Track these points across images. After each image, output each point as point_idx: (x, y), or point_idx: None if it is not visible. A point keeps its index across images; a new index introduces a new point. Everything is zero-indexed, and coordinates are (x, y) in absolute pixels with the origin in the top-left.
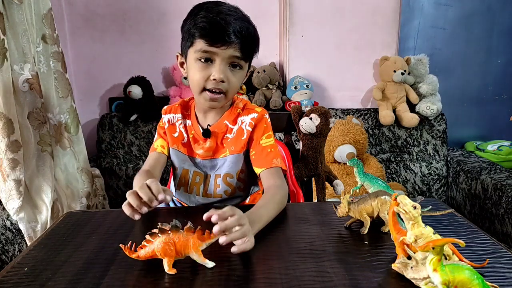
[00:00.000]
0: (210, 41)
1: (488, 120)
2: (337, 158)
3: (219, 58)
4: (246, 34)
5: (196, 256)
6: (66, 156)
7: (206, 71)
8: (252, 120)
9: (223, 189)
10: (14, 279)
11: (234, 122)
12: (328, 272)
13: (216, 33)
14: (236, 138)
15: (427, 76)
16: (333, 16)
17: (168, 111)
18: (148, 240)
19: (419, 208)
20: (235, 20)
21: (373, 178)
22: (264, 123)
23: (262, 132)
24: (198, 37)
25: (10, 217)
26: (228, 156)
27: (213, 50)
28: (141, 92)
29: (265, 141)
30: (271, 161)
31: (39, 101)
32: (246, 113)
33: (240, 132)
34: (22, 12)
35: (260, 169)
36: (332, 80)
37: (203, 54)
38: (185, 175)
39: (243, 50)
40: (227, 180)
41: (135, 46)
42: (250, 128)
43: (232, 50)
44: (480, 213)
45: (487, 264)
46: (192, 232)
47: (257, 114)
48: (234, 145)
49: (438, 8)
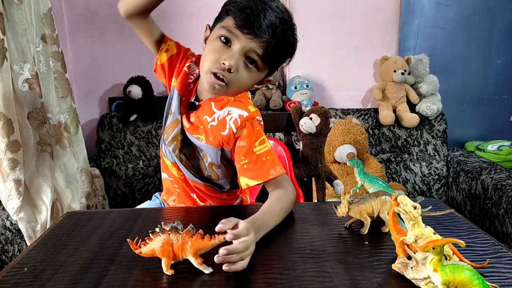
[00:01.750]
0: (240, 23)
1: (488, 120)
2: (337, 158)
3: (239, 45)
4: (280, 37)
5: (193, 260)
6: (66, 156)
7: (220, 53)
8: (239, 118)
9: (208, 173)
10: (14, 279)
11: (220, 107)
12: (328, 272)
13: (249, 19)
14: (216, 128)
15: (427, 76)
16: (333, 16)
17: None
18: (150, 238)
19: (419, 208)
20: (276, 18)
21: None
22: (257, 127)
23: (255, 138)
24: (231, 14)
25: (10, 217)
26: (203, 142)
27: (237, 34)
28: (141, 92)
29: (259, 148)
30: (268, 173)
31: (39, 101)
32: (237, 105)
33: (222, 124)
34: (22, 12)
35: (255, 181)
36: (332, 80)
37: (226, 33)
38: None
39: (268, 50)
40: (212, 168)
41: (135, 46)
42: (234, 126)
43: (257, 44)
44: (480, 213)
45: (487, 264)
46: (192, 235)
47: (247, 114)
48: (212, 135)
49: (438, 8)
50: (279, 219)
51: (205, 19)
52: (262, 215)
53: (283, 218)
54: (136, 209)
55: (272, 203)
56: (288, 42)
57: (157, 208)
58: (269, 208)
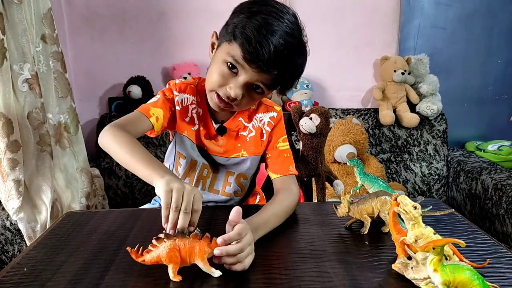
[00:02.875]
0: (247, 57)
1: (488, 120)
2: (337, 158)
3: (245, 76)
4: (287, 70)
5: (201, 264)
6: (66, 156)
7: (226, 79)
8: (271, 119)
9: (233, 189)
10: (14, 279)
11: (249, 119)
12: (328, 272)
13: (257, 54)
14: (255, 138)
15: (428, 76)
16: (333, 16)
17: (182, 88)
18: (154, 245)
19: (419, 208)
20: (284, 49)
21: (373, 178)
22: (283, 125)
23: (280, 134)
24: (238, 42)
25: (9, 217)
26: (246, 158)
27: (244, 66)
28: (141, 92)
29: (282, 144)
30: (288, 168)
31: (39, 101)
32: (264, 110)
33: (259, 132)
34: (22, 12)
35: (276, 175)
36: (332, 80)
37: (233, 61)
38: (192, 165)
39: (274, 81)
40: (240, 180)
41: (135, 46)
42: (269, 128)
43: (263, 77)
44: (480, 213)
45: (487, 264)
46: (199, 239)
47: (276, 114)
48: (254, 145)
49: (438, 8)
50: (281, 219)
51: (205, 19)
52: (262, 215)
53: (284, 219)
54: (136, 209)
55: (275, 204)
56: (296, 71)
57: (157, 208)
58: (271, 209)
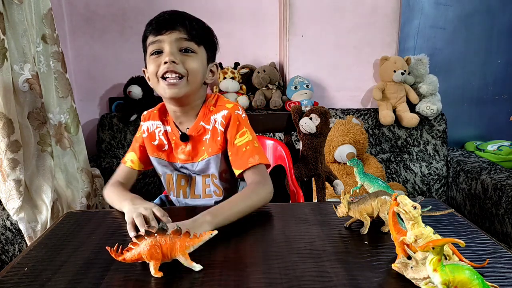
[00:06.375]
0: (156, 31)
1: (488, 120)
2: (337, 158)
3: (166, 43)
4: (191, 19)
5: (183, 259)
6: (66, 156)
7: (158, 60)
8: (223, 118)
9: (212, 189)
10: (14, 279)
11: (208, 121)
12: (328, 272)
13: (161, 23)
14: (211, 139)
15: (427, 76)
16: (333, 16)
17: (147, 117)
18: (135, 243)
19: (419, 208)
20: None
21: (373, 178)
22: (236, 121)
23: (236, 131)
24: (148, 33)
25: (10, 217)
26: (208, 158)
27: (160, 38)
28: (141, 92)
29: (239, 140)
30: (247, 161)
31: (39, 101)
32: (217, 110)
33: (214, 132)
34: (22, 12)
35: (239, 171)
36: (332, 80)
37: (153, 46)
38: (169, 179)
39: (189, 32)
40: (214, 180)
41: (135, 46)
42: (222, 128)
43: (177, 33)
44: (480, 213)
45: (487, 264)
46: (179, 234)
47: (227, 112)
48: (210, 146)
49: (438, 8)
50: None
51: (205, 19)
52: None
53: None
54: None
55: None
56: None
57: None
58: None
